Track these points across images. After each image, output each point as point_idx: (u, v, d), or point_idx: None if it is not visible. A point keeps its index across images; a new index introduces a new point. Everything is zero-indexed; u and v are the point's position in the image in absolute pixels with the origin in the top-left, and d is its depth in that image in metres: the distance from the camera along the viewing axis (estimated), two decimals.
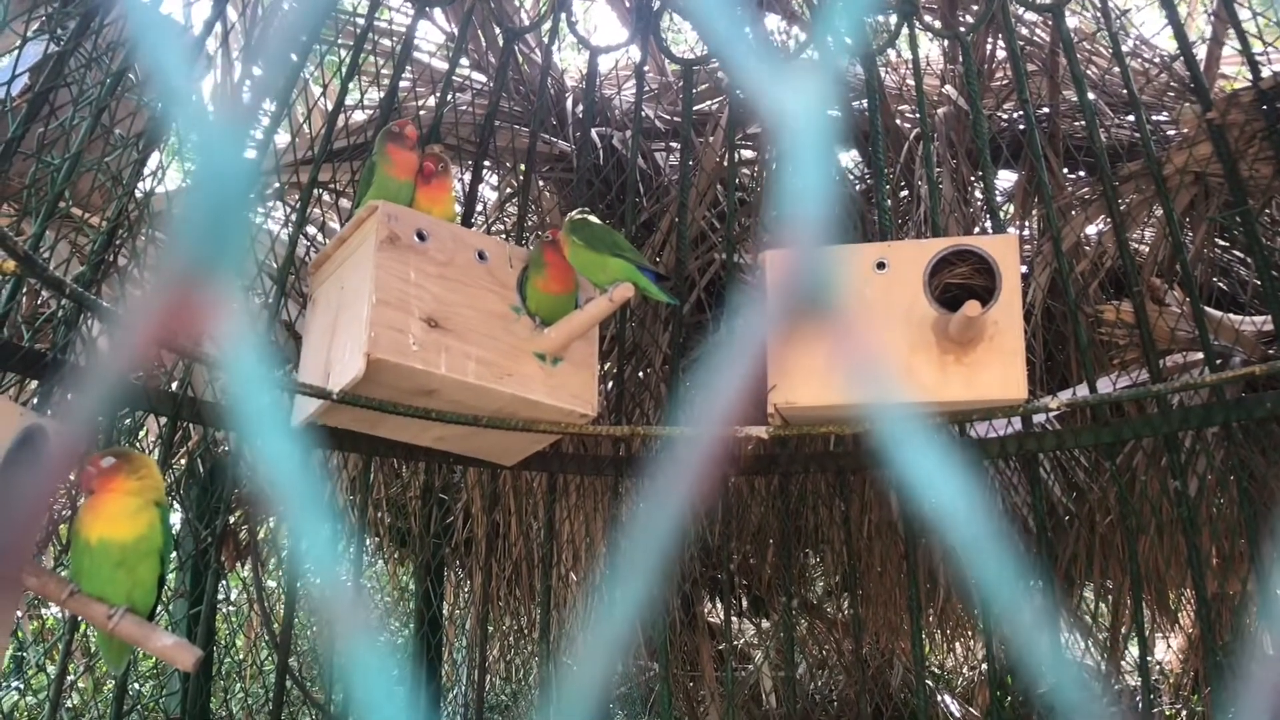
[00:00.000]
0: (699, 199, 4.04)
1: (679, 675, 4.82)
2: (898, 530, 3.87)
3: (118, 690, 2.80)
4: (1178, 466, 3.04)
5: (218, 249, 0.42)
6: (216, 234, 0.42)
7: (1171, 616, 4.28)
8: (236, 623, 4.37)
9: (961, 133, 4.01)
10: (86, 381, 0.50)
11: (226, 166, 0.43)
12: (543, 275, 2.63)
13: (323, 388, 2.46)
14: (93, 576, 2.00)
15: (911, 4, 3.31)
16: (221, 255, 0.42)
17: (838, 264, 0.47)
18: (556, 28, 3.71)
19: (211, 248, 0.42)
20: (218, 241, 0.42)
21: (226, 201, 0.42)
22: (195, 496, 3.29)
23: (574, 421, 2.69)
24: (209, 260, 0.42)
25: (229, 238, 0.42)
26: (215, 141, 0.43)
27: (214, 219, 0.42)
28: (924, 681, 3.28)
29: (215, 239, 0.42)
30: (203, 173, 0.43)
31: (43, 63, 2.57)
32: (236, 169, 0.43)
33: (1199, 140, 3.18)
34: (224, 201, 0.42)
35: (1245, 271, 4.00)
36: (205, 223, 0.42)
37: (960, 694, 5.64)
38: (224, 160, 0.43)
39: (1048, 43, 3.98)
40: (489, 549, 3.64)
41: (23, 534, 0.58)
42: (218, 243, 0.42)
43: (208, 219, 0.42)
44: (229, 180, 0.43)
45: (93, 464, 2.04)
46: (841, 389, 2.58)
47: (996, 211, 3.37)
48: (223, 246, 0.42)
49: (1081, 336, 3.08)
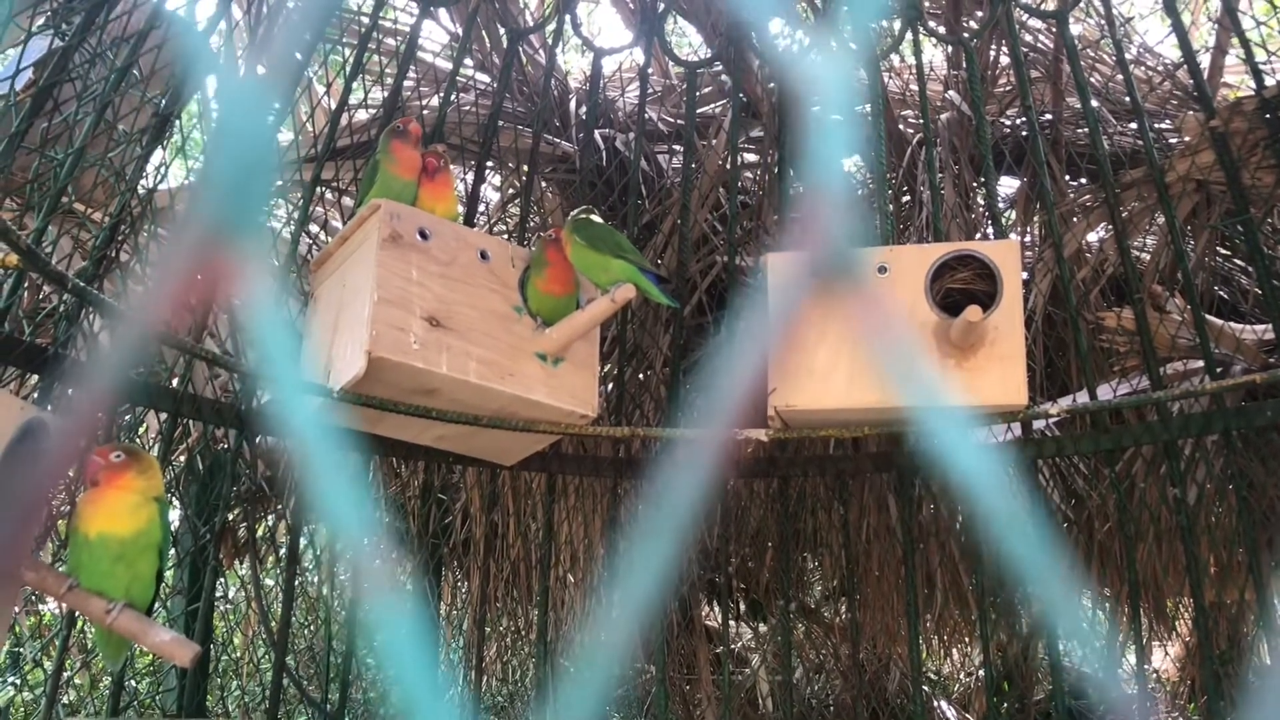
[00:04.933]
0: (701, 201, 4.04)
1: (676, 678, 4.82)
2: (896, 534, 3.87)
3: (114, 686, 2.80)
4: (1177, 474, 3.04)
5: (239, 215, 0.42)
6: (238, 200, 0.42)
7: (1169, 624, 4.28)
8: (234, 620, 4.37)
9: (964, 138, 4.01)
10: (87, 377, 0.50)
11: (248, 136, 0.43)
12: (544, 275, 2.63)
13: (323, 385, 2.46)
14: (91, 571, 2.00)
15: (916, 9, 3.32)
16: (243, 222, 0.42)
17: (840, 267, 0.48)
18: (561, 29, 3.71)
19: (234, 214, 0.42)
20: (239, 208, 0.42)
21: (248, 168, 0.42)
22: (194, 493, 3.30)
23: (574, 422, 2.69)
24: (231, 226, 0.42)
25: (251, 204, 0.42)
26: (238, 109, 0.43)
27: (236, 186, 0.42)
28: (921, 687, 3.27)
29: (236, 208, 0.42)
30: (224, 142, 0.43)
31: (47, 57, 2.57)
32: (258, 138, 0.43)
33: (1201, 148, 3.18)
34: (246, 168, 0.42)
35: (1246, 280, 4.00)
36: (227, 189, 0.42)
37: (957, 700, 5.64)
38: (245, 129, 0.43)
39: (1051, 49, 3.99)
40: (487, 549, 3.64)
41: (22, 528, 0.58)
42: (239, 209, 0.42)
43: (230, 185, 0.42)
44: (251, 147, 0.43)
45: (101, 455, 2.04)
46: (841, 392, 2.58)
47: (998, 217, 3.37)
48: (244, 213, 0.42)
49: (1082, 343, 3.08)
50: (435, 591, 3.83)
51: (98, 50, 2.63)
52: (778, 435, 2.71)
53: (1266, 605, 2.98)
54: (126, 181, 2.74)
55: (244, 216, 0.42)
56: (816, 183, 0.46)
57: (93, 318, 2.72)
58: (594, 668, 0.45)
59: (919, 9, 3.35)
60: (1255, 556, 2.91)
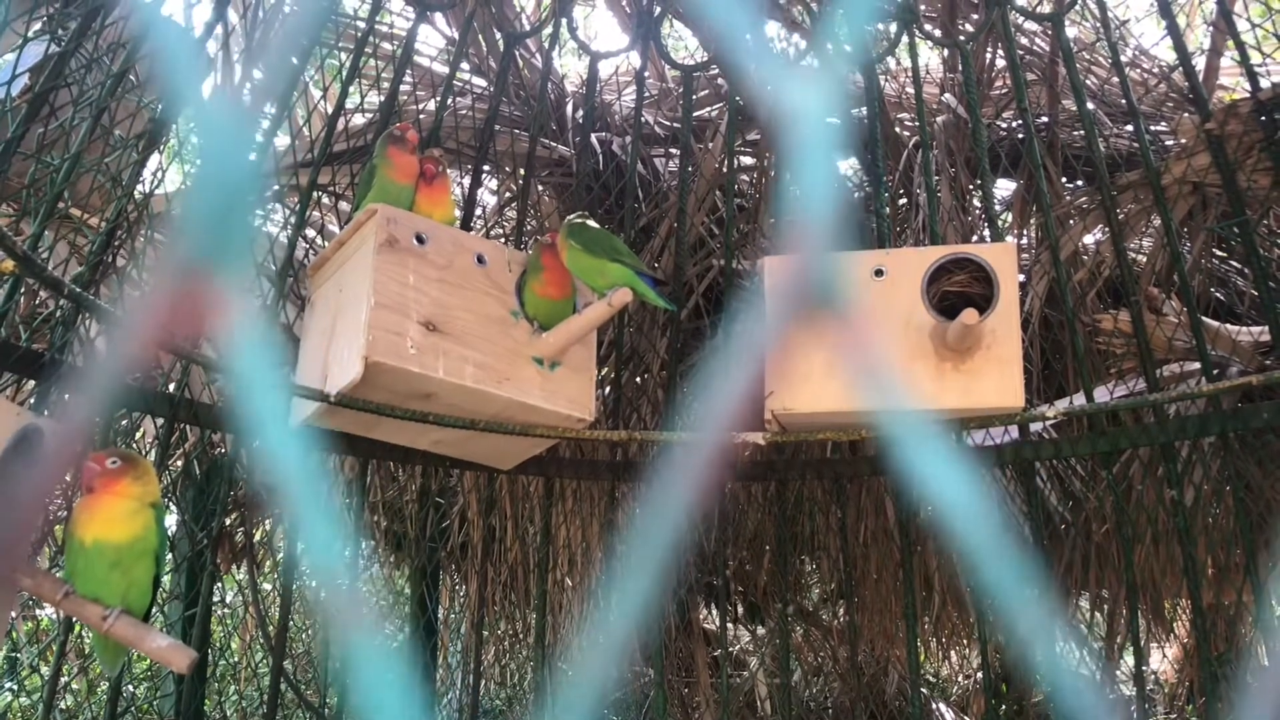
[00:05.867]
0: (698, 205, 4.05)
1: (674, 681, 4.82)
2: (894, 537, 3.87)
3: (112, 692, 2.79)
4: (1174, 476, 3.04)
5: (220, 246, 0.42)
6: (219, 231, 0.42)
7: (1167, 626, 4.28)
8: (231, 625, 4.37)
9: (960, 141, 4.02)
10: (84, 382, 0.50)
11: (230, 161, 0.43)
12: (540, 280, 2.63)
13: (320, 390, 2.46)
14: (88, 577, 2.00)
15: (912, 12, 3.32)
16: (224, 252, 0.42)
17: (836, 270, 0.48)
18: (557, 33, 3.71)
19: (214, 244, 0.42)
20: (221, 238, 0.42)
21: (230, 197, 0.42)
22: (191, 498, 3.29)
23: (571, 426, 2.69)
24: (212, 257, 0.42)
25: (232, 234, 0.42)
26: (220, 135, 0.43)
27: (217, 215, 0.42)
28: (919, 689, 3.27)
29: (218, 236, 0.42)
30: (206, 167, 0.43)
31: (43, 63, 2.57)
32: (240, 164, 0.43)
33: (1197, 150, 3.18)
34: (227, 197, 0.42)
35: (1243, 282, 4.00)
36: (208, 219, 0.42)
37: (955, 702, 5.64)
38: (228, 155, 0.43)
39: (1047, 52, 4.00)
40: (485, 553, 3.63)
41: (18, 534, 0.58)
42: (221, 239, 0.42)
43: (211, 215, 0.42)
44: (232, 175, 0.43)
45: (97, 461, 2.03)
46: (839, 396, 2.58)
47: (995, 220, 3.38)
48: (226, 243, 0.42)
49: (1079, 345, 3.08)
50: (433, 596, 3.82)
51: (94, 56, 2.63)
52: (775, 438, 2.71)
53: (1264, 607, 2.98)
54: (123, 187, 2.74)
55: (226, 245, 0.42)
56: (811, 187, 0.46)
57: (89, 323, 2.72)
58: (592, 671, 0.45)
59: (915, 12, 3.36)
60: (1252, 558, 2.91)
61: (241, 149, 0.43)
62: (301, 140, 3.56)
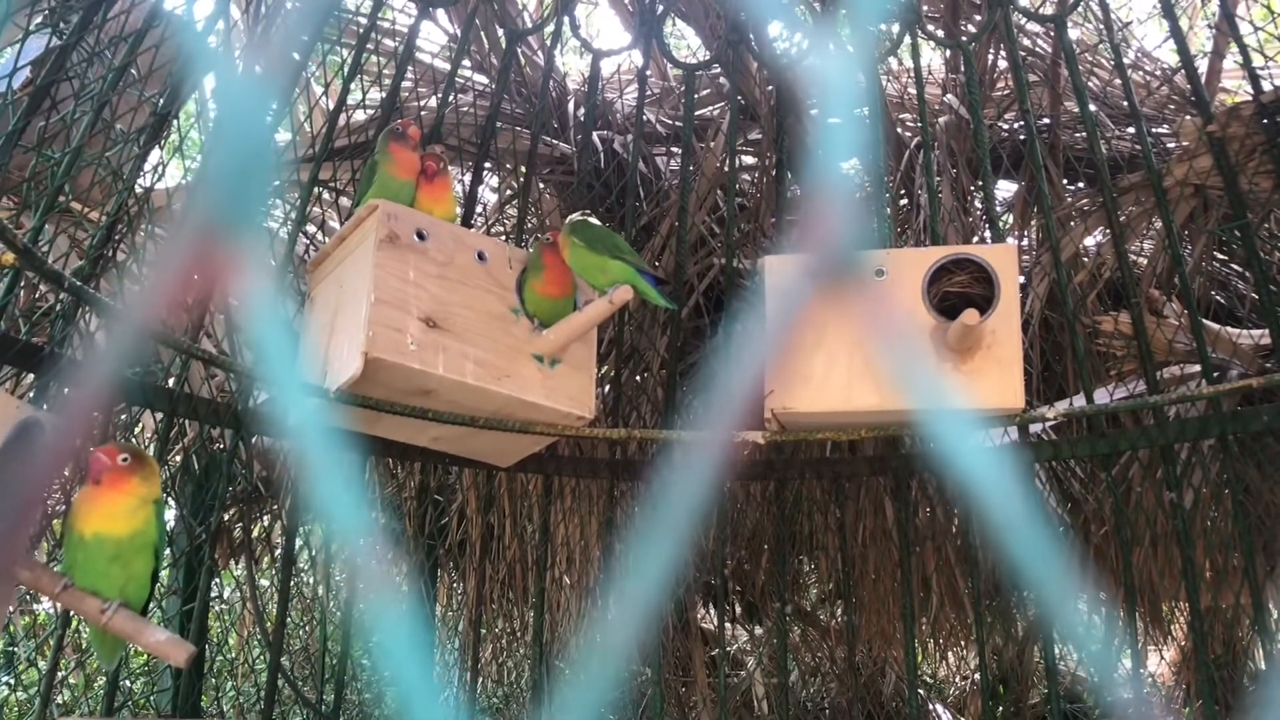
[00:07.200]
0: (699, 204, 4.04)
1: (671, 680, 4.82)
2: (892, 538, 3.87)
3: (109, 686, 2.79)
4: (1173, 478, 3.04)
5: (237, 212, 0.42)
6: (236, 198, 0.42)
7: (1165, 628, 4.28)
8: (229, 620, 4.36)
9: (962, 142, 4.02)
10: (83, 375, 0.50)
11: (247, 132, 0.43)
12: (541, 278, 2.63)
13: (320, 386, 2.46)
14: (87, 571, 2.00)
15: (914, 13, 3.32)
16: (241, 219, 0.42)
17: (838, 270, 0.47)
18: (559, 30, 3.71)
19: (231, 211, 0.42)
20: (237, 205, 0.42)
21: (247, 166, 0.42)
22: (190, 493, 3.29)
23: (571, 424, 2.68)
24: (229, 223, 0.42)
25: (249, 202, 0.42)
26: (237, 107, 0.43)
27: (234, 183, 0.42)
28: (916, 690, 3.27)
29: (235, 203, 0.42)
30: (224, 136, 0.43)
31: (45, 56, 2.57)
32: (258, 130, 0.43)
33: (1199, 153, 3.18)
34: (244, 166, 0.42)
35: (1243, 285, 4.00)
36: (226, 186, 0.42)
37: (952, 703, 5.64)
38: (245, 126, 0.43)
39: (1049, 54, 3.99)
40: (483, 551, 3.63)
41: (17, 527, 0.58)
42: (237, 206, 0.42)
43: (228, 182, 0.42)
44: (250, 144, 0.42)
45: (109, 455, 2.03)
46: (838, 396, 2.58)
47: (996, 221, 3.38)
48: (242, 210, 0.42)
49: (1079, 347, 3.08)
50: (431, 593, 3.82)
51: (95, 49, 2.63)
52: (775, 438, 2.71)
53: (1262, 610, 2.98)
54: (124, 180, 2.74)
55: (242, 214, 0.42)
56: (816, 185, 0.46)
57: (89, 317, 2.72)
58: (590, 669, 0.45)
59: (917, 12, 3.36)
60: (1251, 561, 2.91)
61: (258, 121, 0.43)
62: (303, 136, 3.56)
